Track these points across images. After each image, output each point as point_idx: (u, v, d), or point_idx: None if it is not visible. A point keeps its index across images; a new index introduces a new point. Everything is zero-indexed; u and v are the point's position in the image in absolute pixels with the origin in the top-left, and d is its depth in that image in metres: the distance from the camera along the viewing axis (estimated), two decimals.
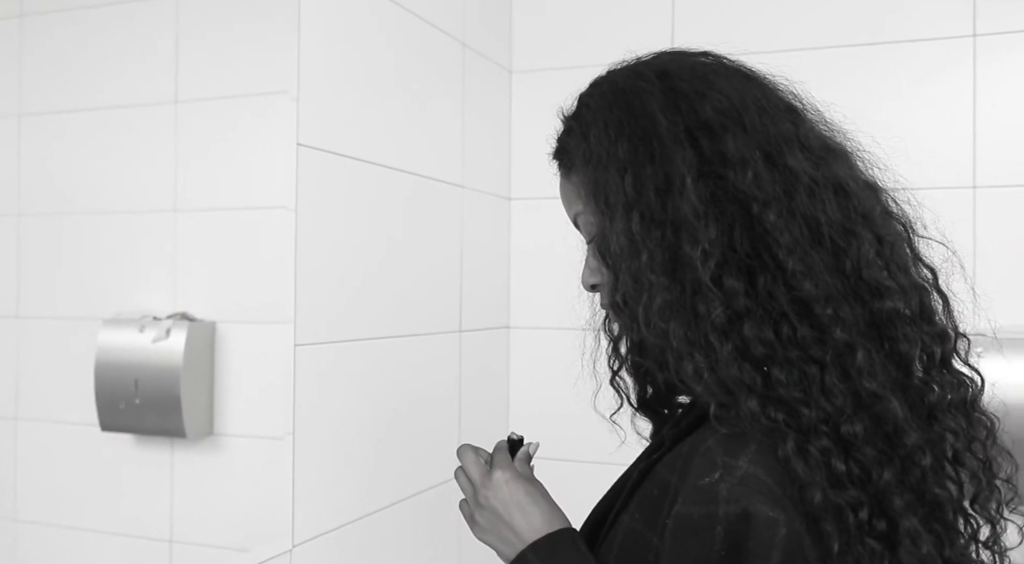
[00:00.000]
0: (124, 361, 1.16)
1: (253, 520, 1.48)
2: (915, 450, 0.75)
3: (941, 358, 0.82)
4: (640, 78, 0.87)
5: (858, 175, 0.87)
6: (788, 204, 0.78)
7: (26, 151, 1.09)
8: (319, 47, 1.58)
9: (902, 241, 0.86)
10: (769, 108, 0.84)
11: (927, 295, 0.84)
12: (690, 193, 0.78)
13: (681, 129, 0.81)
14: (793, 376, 0.75)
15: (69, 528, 1.17)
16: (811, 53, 2.11)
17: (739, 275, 0.77)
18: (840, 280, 0.78)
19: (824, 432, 0.74)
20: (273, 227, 1.50)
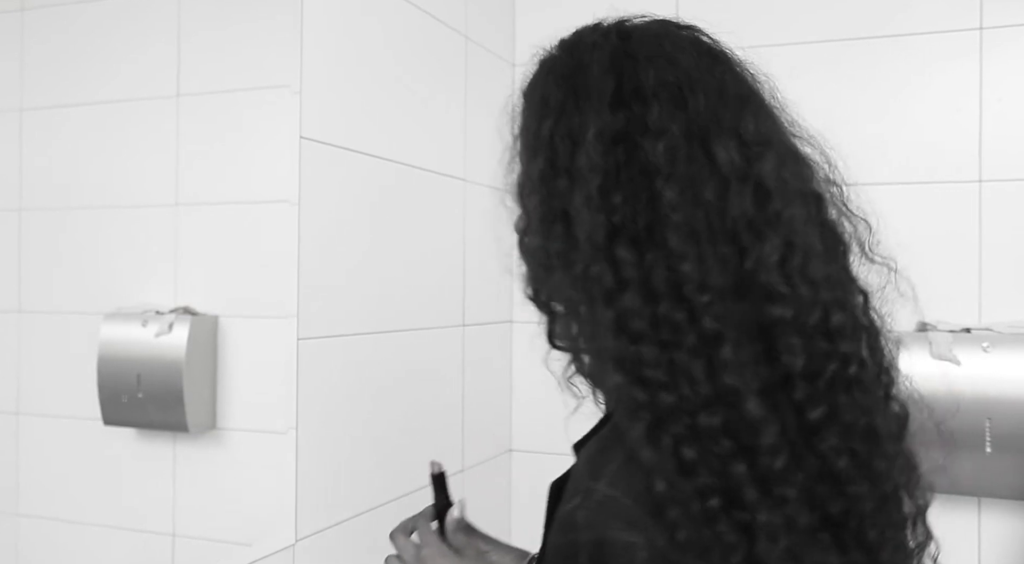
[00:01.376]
0: (126, 355, 1.16)
1: (256, 515, 1.48)
2: (770, 451, 0.72)
3: (836, 377, 0.77)
4: (601, 35, 0.86)
5: (798, 180, 0.82)
6: (693, 188, 0.76)
7: (28, 146, 1.09)
8: (321, 40, 1.58)
9: (820, 255, 0.80)
10: (721, 93, 0.81)
11: (839, 313, 0.79)
12: (597, 152, 0.77)
13: (611, 90, 0.80)
14: (661, 358, 0.73)
15: (71, 522, 1.17)
16: (817, 46, 2.10)
17: (630, 246, 0.76)
18: (733, 276, 0.76)
19: (681, 419, 0.72)
20: (275, 221, 1.50)
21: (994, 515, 1.95)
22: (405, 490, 1.81)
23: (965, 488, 1.89)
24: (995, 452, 1.84)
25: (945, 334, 1.91)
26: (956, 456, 1.86)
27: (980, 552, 1.95)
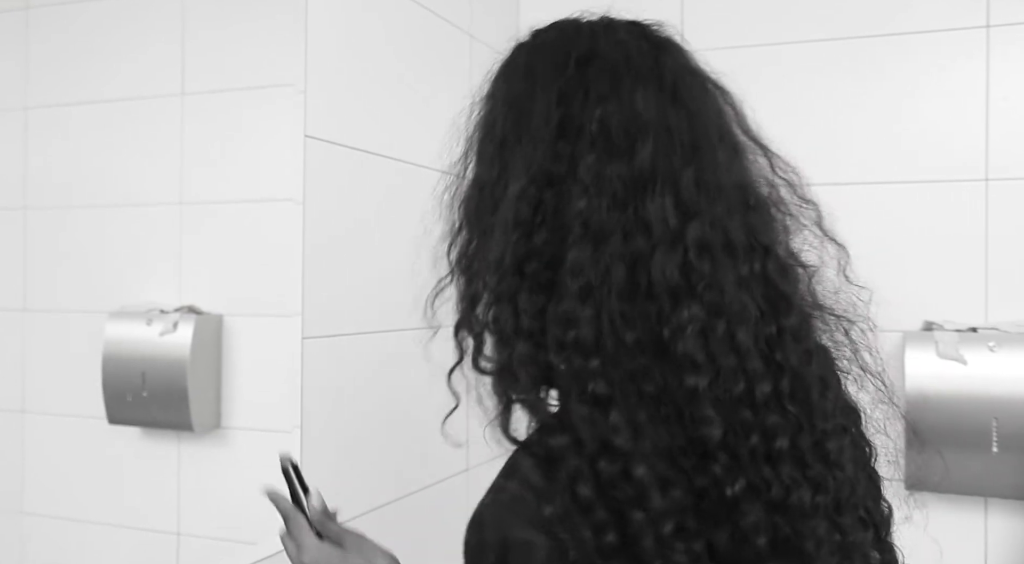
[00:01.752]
0: (131, 354, 1.16)
1: (260, 513, 1.48)
2: (659, 515, 0.70)
3: (758, 450, 0.74)
4: (562, 54, 0.81)
5: (743, 233, 0.77)
6: (609, 247, 0.74)
7: (32, 145, 1.09)
8: (326, 39, 1.58)
9: (753, 320, 0.75)
10: (671, 141, 0.77)
11: (766, 383, 0.75)
12: (525, 199, 0.76)
13: (555, 127, 0.78)
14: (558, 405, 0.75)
15: (75, 521, 1.17)
16: (824, 44, 2.09)
17: (532, 294, 0.76)
18: (649, 336, 0.73)
19: (574, 460, 0.72)
20: (280, 219, 1.50)
21: (1000, 515, 1.94)
22: (409, 489, 1.81)
23: (971, 488, 1.88)
24: (1001, 452, 1.83)
25: (951, 333, 1.91)
26: (962, 456, 1.86)
27: (987, 552, 1.95)
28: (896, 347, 2.00)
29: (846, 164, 2.07)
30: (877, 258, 2.03)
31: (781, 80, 2.12)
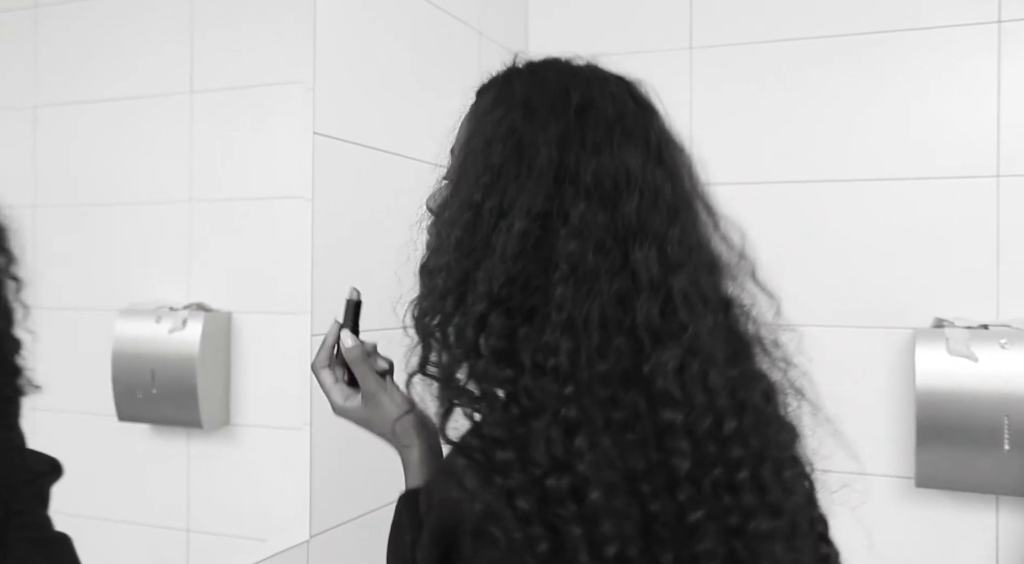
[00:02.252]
0: (141, 351, 1.16)
1: (270, 511, 1.49)
2: (607, 539, 0.75)
3: (720, 481, 0.80)
4: (560, 98, 0.87)
5: (711, 289, 0.86)
6: (594, 285, 0.80)
7: (41, 143, 1.09)
8: (335, 36, 1.58)
9: (722, 363, 0.83)
10: (656, 199, 0.84)
11: (732, 420, 0.82)
12: (516, 232, 0.81)
13: (554, 170, 0.83)
14: (511, 425, 0.78)
15: (86, 517, 1.17)
16: (833, 40, 2.08)
17: (505, 316, 0.81)
18: (624, 368, 0.79)
19: (516, 475, 0.76)
20: (290, 217, 1.50)
21: (1013, 513, 1.93)
22: None
23: (983, 486, 1.87)
24: (1013, 449, 1.82)
25: (962, 330, 1.90)
26: (973, 454, 1.85)
27: (998, 550, 1.94)
28: (906, 344, 1.99)
29: (858, 160, 2.06)
30: (888, 255, 2.02)
31: (792, 77, 2.11)
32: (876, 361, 2.03)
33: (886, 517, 2.01)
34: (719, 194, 2.36)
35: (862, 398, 2.04)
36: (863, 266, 2.04)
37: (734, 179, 2.15)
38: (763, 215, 2.13)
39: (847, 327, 2.05)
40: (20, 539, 1.08)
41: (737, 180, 2.14)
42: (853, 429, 2.04)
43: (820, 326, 2.07)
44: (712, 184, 2.25)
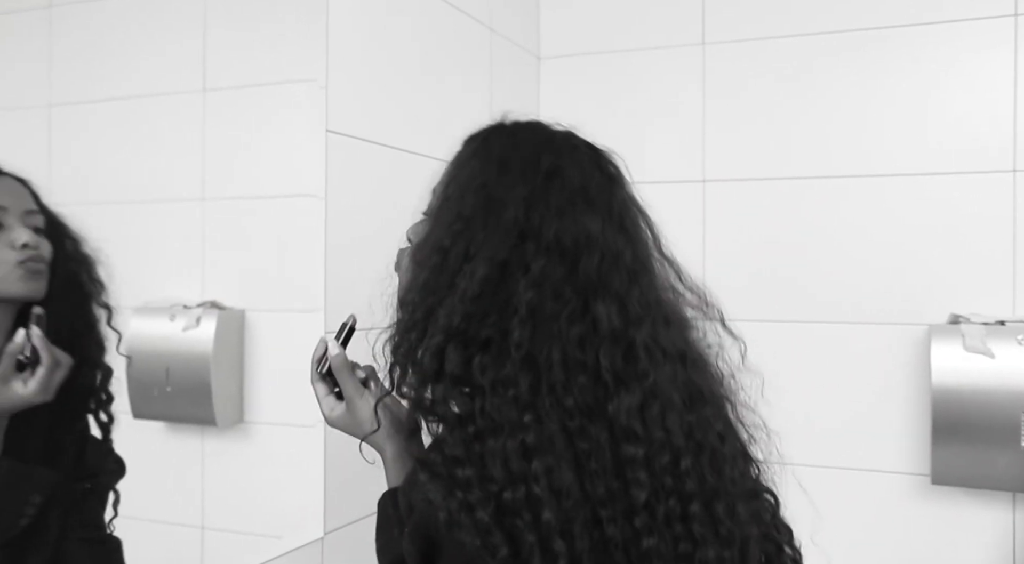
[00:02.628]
0: (155, 349, 1.17)
1: (284, 508, 1.49)
2: (558, 555, 0.82)
3: (673, 513, 0.88)
4: (530, 164, 0.96)
5: (668, 342, 0.94)
6: (552, 331, 0.88)
7: (55, 142, 1.10)
8: (348, 34, 1.58)
9: (679, 408, 0.92)
10: (616, 261, 0.93)
11: (688, 457, 0.90)
12: (478, 277, 0.90)
13: (519, 227, 0.92)
14: (470, 443, 0.86)
15: None
16: (847, 35, 2.07)
17: (462, 348, 0.89)
18: (585, 403, 0.87)
19: (475, 490, 0.84)
20: (303, 215, 1.50)
21: None
22: None
23: (1000, 483, 1.86)
24: None
25: (979, 327, 1.89)
26: (990, 451, 1.84)
27: (1015, 547, 1.93)
28: (922, 341, 1.98)
29: (872, 156, 2.05)
30: (903, 250, 2.01)
31: (805, 72, 2.10)
32: (891, 358, 2.02)
33: (902, 515, 2.00)
34: (730, 191, 2.35)
35: (877, 395, 2.02)
36: (878, 262, 2.03)
37: (746, 175, 2.14)
38: (776, 212, 2.12)
39: (862, 323, 2.04)
40: (74, 538, 1.09)
41: (750, 176, 2.13)
42: (868, 426, 2.04)
43: (835, 323, 2.06)
44: (725, 180, 2.25)
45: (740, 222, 2.15)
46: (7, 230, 1.04)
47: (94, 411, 1.13)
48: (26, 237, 1.04)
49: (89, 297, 1.12)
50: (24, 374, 1.01)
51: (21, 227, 1.05)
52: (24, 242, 1.04)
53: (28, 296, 1.05)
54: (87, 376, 1.11)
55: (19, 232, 1.04)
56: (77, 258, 1.13)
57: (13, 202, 1.06)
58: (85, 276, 1.13)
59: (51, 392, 1.03)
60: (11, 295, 1.04)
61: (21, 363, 1.00)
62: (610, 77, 2.27)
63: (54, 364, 1.02)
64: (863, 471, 2.04)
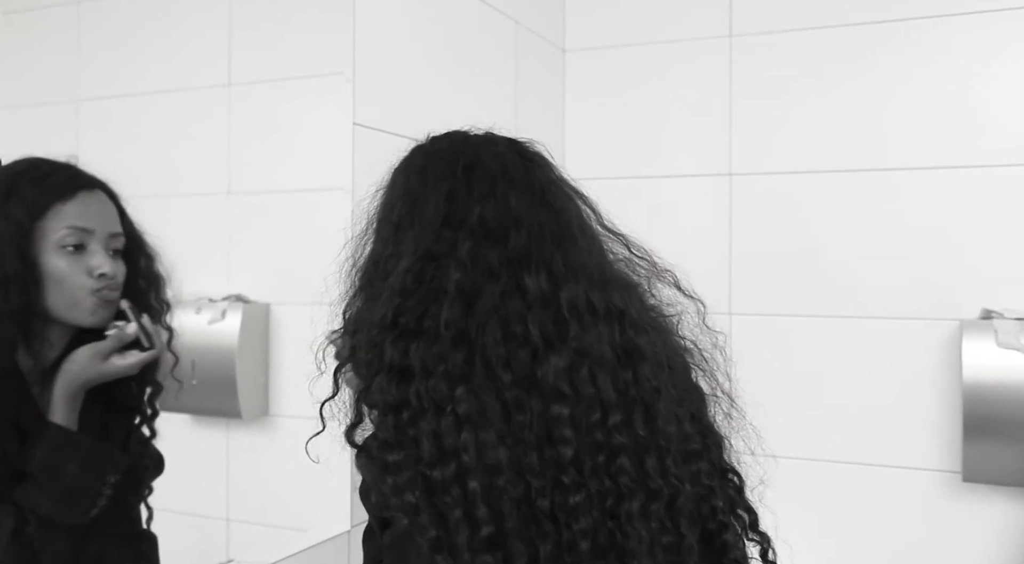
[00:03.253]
0: (181, 342, 1.18)
1: (310, 501, 1.50)
2: (482, 521, 0.86)
3: (600, 467, 0.90)
4: (448, 164, 1.01)
5: (602, 302, 0.96)
6: (485, 306, 0.92)
7: (83, 137, 1.11)
8: (374, 27, 1.58)
9: (612, 365, 0.93)
10: (540, 231, 0.97)
11: (618, 413, 0.92)
12: (411, 273, 0.94)
13: (442, 217, 0.96)
14: (401, 426, 0.89)
15: None
16: (878, 26, 2.04)
17: (399, 340, 0.92)
18: (521, 374, 0.90)
19: (404, 472, 0.88)
20: (329, 208, 1.51)
21: None
22: None
23: None
24: None
25: (1011, 322, 1.86)
26: (1023, 448, 1.81)
27: None
28: (953, 336, 1.95)
29: (903, 149, 2.02)
30: (934, 245, 1.99)
31: (837, 63, 2.07)
32: (923, 353, 1.99)
33: (932, 512, 1.98)
34: (758, 184, 2.32)
35: (908, 391, 2.00)
36: (909, 257, 2.00)
37: (774, 169, 2.12)
38: (804, 205, 2.10)
39: (893, 318, 2.01)
40: (114, 533, 1.10)
41: (777, 170, 2.11)
42: (898, 422, 2.02)
43: (865, 318, 2.04)
44: (752, 174, 2.22)
45: (767, 216, 2.13)
46: (89, 255, 1.04)
47: (143, 415, 1.15)
48: (106, 267, 1.04)
49: (155, 317, 1.13)
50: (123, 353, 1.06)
51: (103, 253, 1.05)
52: (103, 272, 1.04)
53: (95, 325, 1.06)
54: (140, 388, 1.14)
55: (100, 259, 1.04)
56: (148, 277, 1.15)
57: (100, 224, 1.06)
58: (153, 296, 1.15)
59: (138, 369, 1.08)
60: (79, 324, 1.05)
61: (126, 345, 1.06)
62: (636, 70, 2.26)
63: (156, 353, 1.09)
64: (893, 468, 2.02)
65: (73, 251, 1.03)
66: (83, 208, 1.05)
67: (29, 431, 1.01)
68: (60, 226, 1.02)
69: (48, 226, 1.02)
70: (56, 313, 1.03)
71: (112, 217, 1.09)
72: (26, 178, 1.01)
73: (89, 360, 1.05)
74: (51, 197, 1.02)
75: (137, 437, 1.15)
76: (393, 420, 0.90)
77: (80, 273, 1.03)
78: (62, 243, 1.02)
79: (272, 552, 1.39)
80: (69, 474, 1.01)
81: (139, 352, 1.06)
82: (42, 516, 0.98)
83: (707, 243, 2.17)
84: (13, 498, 0.97)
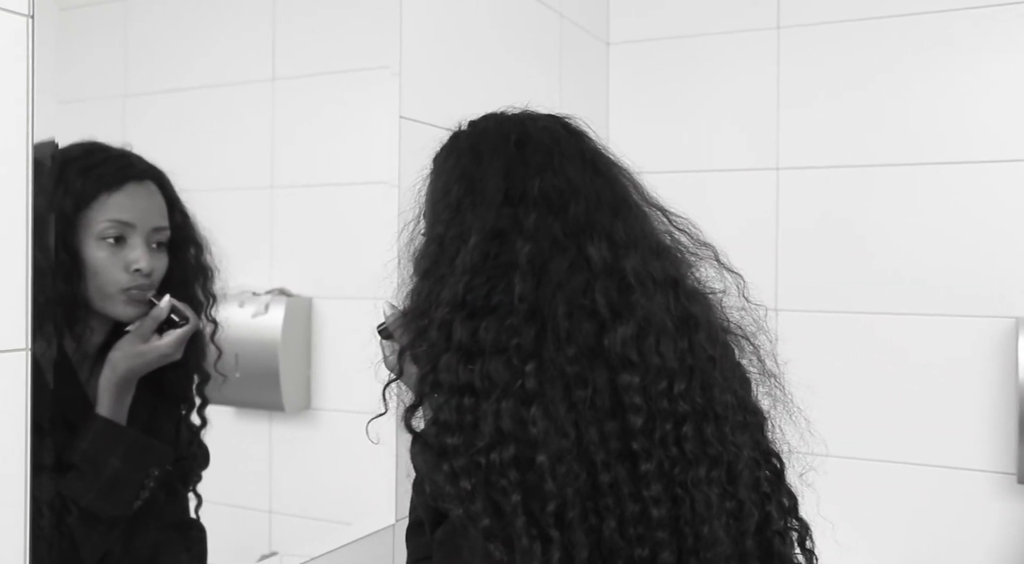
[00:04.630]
0: (225, 335, 1.19)
1: (353, 494, 1.50)
2: (549, 496, 0.86)
3: (668, 435, 0.91)
4: (502, 138, 1.02)
5: (659, 273, 0.98)
6: (554, 279, 0.93)
7: (129, 132, 1.12)
8: (421, 20, 1.58)
9: (672, 334, 0.95)
10: (598, 202, 0.99)
11: (682, 381, 0.93)
12: (477, 251, 0.94)
13: (502, 193, 0.97)
14: (463, 406, 0.90)
15: None
16: (934, 16, 1.99)
17: (468, 320, 0.92)
18: (587, 347, 0.91)
19: (462, 456, 0.88)
20: (376, 202, 1.51)
21: None
22: None
23: None
24: None
25: None
26: None
27: None
28: (1008, 334, 1.90)
29: (957, 142, 1.97)
30: (989, 240, 1.94)
31: (886, 55, 2.03)
32: (977, 351, 1.95)
33: (986, 514, 1.93)
34: (805, 179, 2.29)
35: (962, 390, 1.95)
36: (962, 253, 1.96)
37: (822, 163, 2.08)
38: (854, 200, 2.06)
39: (946, 316, 1.97)
40: (164, 521, 1.12)
41: (826, 164, 2.08)
42: (952, 422, 1.97)
43: (917, 315, 1.99)
44: (799, 168, 2.19)
45: (815, 211, 2.09)
46: (128, 248, 1.06)
47: (192, 404, 1.17)
48: (143, 262, 1.06)
49: (197, 309, 1.14)
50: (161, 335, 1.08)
51: (143, 247, 1.06)
52: (139, 267, 1.06)
53: (130, 320, 1.07)
54: (188, 377, 1.16)
55: (139, 253, 1.06)
56: (196, 269, 1.16)
57: (143, 218, 1.07)
58: (198, 287, 1.16)
59: (181, 351, 1.09)
60: (114, 316, 1.07)
61: (161, 326, 1.08)
62: (680, 63, 2.23)
63: (193, 326, 1.10)
64: (947, 469, 1.97)
65: (113, 243, 1.04)
66: (128, 200, 1.06)
67: (77, 422, 1.02)
68: (102, 218, 1.03)
69: (91, 217, 1.03)
70: (93, 304, 1.04)
71: (158, 210, 1.09)
72: (76, 166, 1.02)
73: (130, 347, 1.06)
74: (97, 187, 1.04)
75: (187, 426, 1.16)
76: (456, 401, 0.90)
77: (117, 267, 1.05)
78: (103, 235, 1.04)
79: (316, 545, 1.39)
80: (111, 467, 1.02)
81: (175, 330, 1.08)
82: (83, 507, 1.00)
83: (753, 239, 2.14)
84: (58, 488, 0.98)
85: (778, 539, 1.01)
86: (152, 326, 1.07)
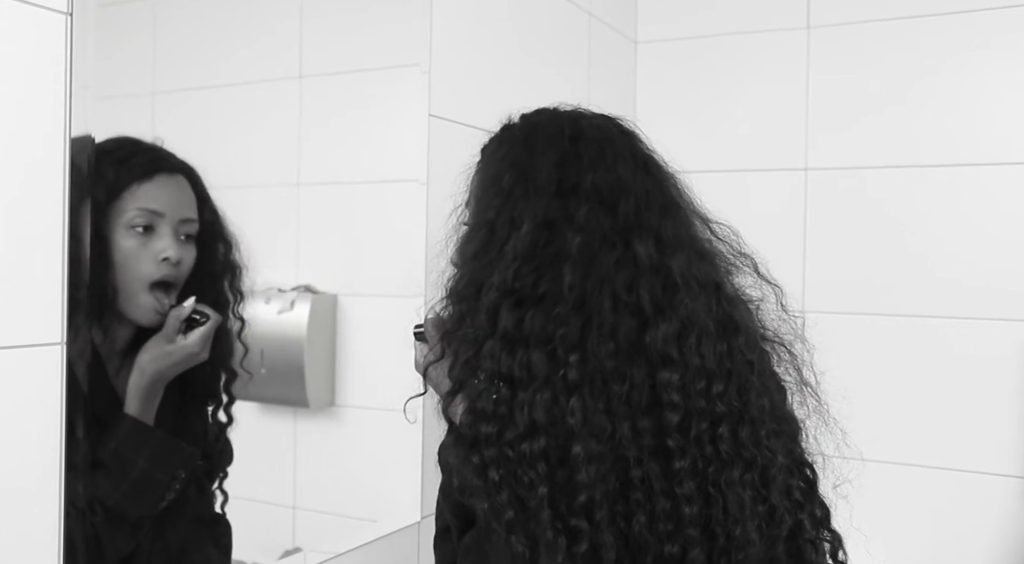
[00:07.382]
0: (250, 332, 1.19)
1: (379, 491, 1.51)
2: (581, 486, 0.87)
3: (704, 434, 0.92)
4: (556, 130, 1.04)
5: (702, 275, 0.99)
6: (601, 273, 0.94)
7: (158, 129, 1.13)
8: (451, 18, 1.58)
9: (713, 336, 0.96)
10: (648, 201, 1.00)
11: (720, 382, 0.94)
12: (528, 238, 0.95)
13: (555, 184, 0.98)
14: (500, 395, 0.90)
15: None
16: (965, 16, 1.96)
17: (514, 307, 0.93)
18: (628, 342, 0.92)
19: (493, 446, 0.89)
20: (404, 200, 1.51)
21: None
22: None
23: None
24: None
25: None
26: None
27: None
28: None
29: (989, 144, 1.94)
30: (1019, 243, 1.90)
31: (918, 55, 2.00)
32: (1007, 355, 1.91)
33: (1016, 520, 1.90)
34: (834, 179, 2.27)
35: (991, 394, 1.93)
36: (992, 256, 1.93)
37: (852, 164, 2.06)
38: (884, 201, 2.03)
39: (976, 319, 1.94)
40: (190, 516, 1.13)
41: (855, 165, 2.05)
42: (978, 426, 1.94)
43: (944, 317, 1.96)
44: (828, 169, 2.16)
45: (844, 212, 2.07)
46: (156, 238, 1.06)
47: (219, 402, 1.17)
48: (171, 251, 1.06)
49: (224, 306, 1.15)
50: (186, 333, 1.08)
51: (171, 236, 1.07)
52: (166, 256, 1.06)
53: (150, 324, 1.08)
54: (215, 375, 1.16)
55: (166, 243, 1.06)
56: (224, 264, 1.16)
57: (172, 208, 1.08)
58: (226, 284, 1.16)
59: (207, 349, 1.09)
60: (134, 319, 1.07)
61: (185, 326, 1.08)
62: (709, 62, 2.21)
63: (215, 322, 1.10)
64: (972, 473, 1.95)
65: (142, 232, 1.05)
66: (158, 190, 1.06)
67: (106, 420, 1.03)
68: (132, 206, 1.04)
69: (122, 206, 1.04)
70: (119, 302, 1.05)
71: (188, 202, 1.10)
72: (110, 158, 1.03)
73: (157, 348, 1.07)
74: (129, 178, 1.05)
75: (215, 424, 1.17)
76: (495, 389, 0.91)
77: (146, 257, 1.05)
78: (131, 223, 1.04)
79: (341, 542, 1.40)
80: (138, 468, 1.03)
81: (199, 328, 1.08)
82: (109, 507, 1.00)
83: (781, 240, 2.12)
84: (85, 486, 0.99)
85: (809, 548, 1.01)
86: (176, 325, 1.07)
